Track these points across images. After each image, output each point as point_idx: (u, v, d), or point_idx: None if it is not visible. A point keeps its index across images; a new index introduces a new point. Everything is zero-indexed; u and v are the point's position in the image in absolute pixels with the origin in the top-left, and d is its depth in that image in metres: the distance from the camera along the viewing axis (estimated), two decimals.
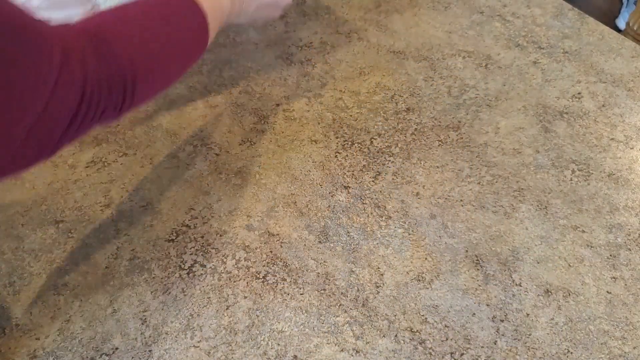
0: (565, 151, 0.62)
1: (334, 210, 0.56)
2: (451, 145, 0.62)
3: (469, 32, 0.76)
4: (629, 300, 0.50)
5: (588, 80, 0.71)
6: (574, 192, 0.59)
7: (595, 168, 0.61)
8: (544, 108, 0.67)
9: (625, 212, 0.57)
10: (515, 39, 0.75)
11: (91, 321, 0.46)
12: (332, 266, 0.52)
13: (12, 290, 0.47)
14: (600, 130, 0.65)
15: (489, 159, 0.61)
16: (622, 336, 0.48)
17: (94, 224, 0.52)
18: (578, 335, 0.48)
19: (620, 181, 0.60)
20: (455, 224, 0.56)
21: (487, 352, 0.48)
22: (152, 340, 0.46)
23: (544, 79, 0.70)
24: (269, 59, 0.67)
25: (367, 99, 0.66)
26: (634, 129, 0.65)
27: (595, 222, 0.56)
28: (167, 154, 0.58)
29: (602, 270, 0.52)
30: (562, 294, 0.50)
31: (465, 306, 0.50)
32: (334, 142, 0.62)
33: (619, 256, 0.54)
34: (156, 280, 0.48)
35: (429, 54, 0.72)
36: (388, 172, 0.60)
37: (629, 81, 0.71)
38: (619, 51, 0.75)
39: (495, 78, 0.70)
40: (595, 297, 0.50)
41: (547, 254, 0.53)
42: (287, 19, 0.75)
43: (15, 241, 0.51)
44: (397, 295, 0.51)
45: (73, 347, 0.44)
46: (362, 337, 0.48)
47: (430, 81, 0.69)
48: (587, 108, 0.67)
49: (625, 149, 0.63)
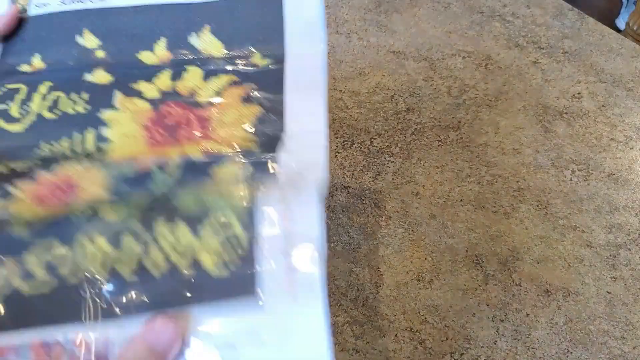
0: (565, 151, 0.62)
1: (334, 210, 0.56)
2: (451, 145, 0.62)
3: (469, 32, 0.76)
4: (628, 300, 0.50)
5: (588, 80, 0.71)
6: (573, 192, 0.59)
7: (595, 168, 0.61)
8: (543, 108, 0.67)
9: (625, 212, 0.57)
10: (515, 39, 0.75)
11: None
12: (332, 266, 0.52)
13: None
14: (600, 130, 0.65)
15: (488, 158, 0.61)
16: (622, 336, 0.48)
17: None
18: (578, 335, 0.48)
19: (620, 181, 0.60)
20: (455, 224, 0.56)
21: (487, 352, 0.48)
22: None
23: (544, 79, 0.70)
24: None
25: (367, 99, 0.66)
26: (634, 129, 0.65)
27: (595, 222, 0.56)
28: None
29: (602, 270, 0.52)
30: (562, 293, 0.50)
31: (465, 306, 0.50)
32: (333, 142, 0.62)
33: (618, 256, 0.54)
34: None
35: (429, 54, 0.72)
36: (388, 172, 0.60)
37: (629, 81, 0.71)
38: (619, 51, 0.75)
39: (495, 78, 0.70)
40: (595, 297, 0.50)
41: (547, 254, 0.53)
42: None
43: None
44: (397, 295, 0.51)
45: None
46: (362, 337, 0.48)
47: (430, 81, 0.69)
48: (587, 108, 0.67)
49: (625, 149, 0.63)
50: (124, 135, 0.41)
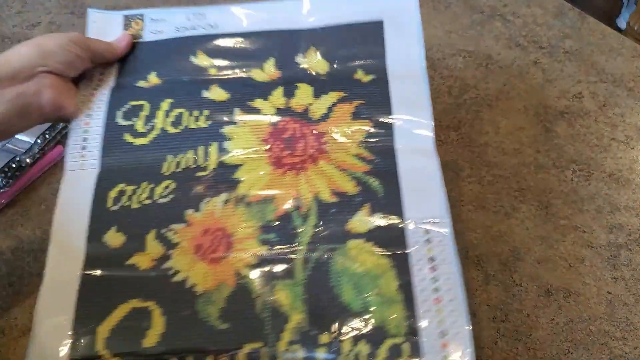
0: (565, 151, 0.62)
1: None
2: (451, 145, 0.62)
3: (470, 32, 0.76)
4: (629, 301, 0.50)
5: (589, 80, 0.71)
6: (574, 192, 0.58)
7: (595, 168, 0.61)
8: (544, 108, 0.67)
9: (626, 212, 0.57)
10: (515, 38, 0.75)
11: None
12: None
13: (12, 291, 0.47)
14: (601, 130, 0.65)
15: (489, 158, 0.61)
16: (623, 336, 0.48)
17: None
18: (578, 336, 0.48)
19: (621, 181, 0.60)
20: (455, 224, 0.55)
21: (488, 352, 0.48)
22: None
23: (545, 79, 0.70)
24: None
25: None
26: (635, 129, 0.65)
27: (596, 222, 0.56)
28: None
29: (603, 271, 0.52)
30: (563, 294, 0.50)
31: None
32: None
33: (619, 256, 0.53)
34: None
35: (429, 53, 0.72)
36: None
37: (630, 81, 0.71)
38: (620, 51, 0.75)
39: (495, 78, 0.70)
40: (596, 297, 0.50)
41: (548, 254, 0.53)
42: None
43: (15, 241, 0.50)
44: None
45: None
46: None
47: (430, 81, 0.68)
48: (588, 108, 0.67)
49: (626, 149, 0.63)
50: (245, 149, 0.44)
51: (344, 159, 0.44)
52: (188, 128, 0.45)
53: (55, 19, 0.71)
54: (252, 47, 0.50)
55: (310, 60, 0.49)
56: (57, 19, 0.71)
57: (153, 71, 0.48)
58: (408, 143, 0.44)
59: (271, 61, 0.49)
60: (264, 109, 0.46)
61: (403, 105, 0.46)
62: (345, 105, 0.46)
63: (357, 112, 0.46)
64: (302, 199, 0.42)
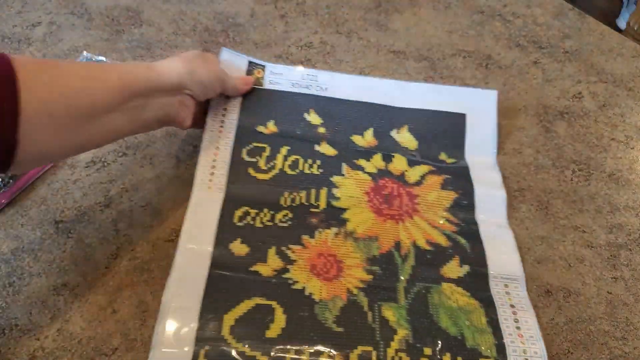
0: (565, 151, 0.62)
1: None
2: None
3: (470, 32, 0.76)
4: (629, 301, 0.50)
5: (588, 80, 0.71)
6: (574, 192, 0.58)
7: (595, 168, 0.61)
8: (544, 108, 0.67)
9: (625, 212, 0.57)
10: (515, 38, 0.75)
11: (91, 321, 0.45)
12: None
13: (12, 291, 0.47)
14: (600, 130, 0.65)
15: None
16: (623, 336, 0.48)
17: (93, 224, 0.52)
18: (578, 336, 0.48)
19: (621, 181, 0.60)
20: None
21: None
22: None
23: (545, 79, 0.70)
24: (269, 58, 0.67)
25: None
26: (635, 129, 0.65)
27: (596, 222, 0.56)
28: (167, 154, 0.58)
29: (603, 271, 0.52)
30: (563, 294, 0.50)
31: None
32: None
33: (619, 256, 0.53)
34: (156, 281, 0.48)
35: (429, 54, 0.72)
36: None
37: (630, 81, 0.71)
38: (620, 51, 0.75)
39: (495, 78, 0.70)
40: (596, 297, 0.50)
41: (548, 254, 0.53)
42: (287, 19, 0.75)
43: (15, 241, 0.50)
44: None
45: (72, 347, 0.44)
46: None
47: (430, 81, 0.69)
48: (588, 108, 0.67)
49: (625, 149, 0.63)
50: (350, 197, 0.52)
51: (434, 218, 0.52)
52: (303, 172, 0.54)
53: (55, 19, 0.71)
54: (356, 115, 0.59)
55: (402, 136, 0.58)
56: (57, 19, 0.71)
57: (271, 119, 0.57)
58: (487, 217, 0.53)
59: (370, 130, 0.58)
60: (367, 167, 0.55)
61: (481, 185, 0.55)
62: (435, 177, 0.55)
63: (445, 183, 0.55)
64: (401, 243, 0.50)
